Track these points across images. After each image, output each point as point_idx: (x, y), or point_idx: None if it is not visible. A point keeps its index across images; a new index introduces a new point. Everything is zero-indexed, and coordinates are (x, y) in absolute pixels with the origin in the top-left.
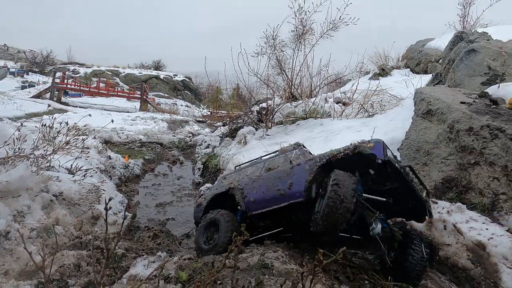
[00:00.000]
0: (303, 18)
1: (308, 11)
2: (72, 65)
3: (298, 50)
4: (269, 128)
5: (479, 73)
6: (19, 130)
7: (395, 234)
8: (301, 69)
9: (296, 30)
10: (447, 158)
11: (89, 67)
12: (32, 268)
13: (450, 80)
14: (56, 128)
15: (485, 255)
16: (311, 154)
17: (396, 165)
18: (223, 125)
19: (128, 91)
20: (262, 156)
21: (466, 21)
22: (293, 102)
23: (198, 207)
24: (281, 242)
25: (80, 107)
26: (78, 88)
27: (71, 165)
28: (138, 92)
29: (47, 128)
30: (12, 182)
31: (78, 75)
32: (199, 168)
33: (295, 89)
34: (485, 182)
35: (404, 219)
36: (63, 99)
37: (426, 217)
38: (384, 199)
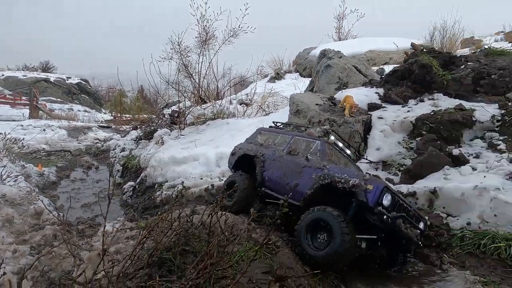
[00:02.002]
0: (205, 25)
1: (210, 19)
2: None
3: (203, 55)
4: (182, 129)
5: (333, 82)
6: None
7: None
8: (207, 73)
9: (200, 37)
10: None
11: None
12: (15, 241)
13: (317, 86)
14: None
15: None
16: (337, 144)
17: (384, 217)
18: (134, 129)
19: (13, 97)
20: (294, 125)
21: (341, 32)
22: (203, 104)
23: (232, 155)
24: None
25: None
26: None
27: (1, 173)
28: (25, 98)
29: None
30: None
31: None
32: (118, 170)
33: (202, 92)
34: None
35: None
36: None
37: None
38: (375, 236)
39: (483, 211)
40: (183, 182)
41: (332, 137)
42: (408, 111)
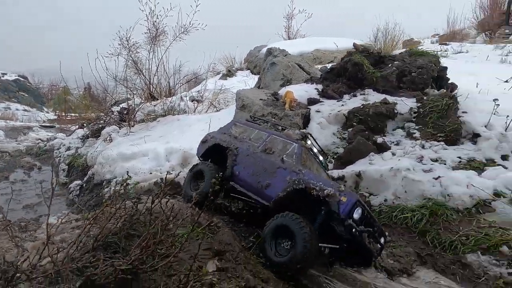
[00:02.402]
0: (155, 21)
1: (160, 15)
2: None
3: (153, 51)
4: (132, 126)
5: (278, 78)
6: None
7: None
8: (158, 70)
9: (150, 32)
10: None
11: None
12: None
13: (263, 83)
14: None
15: None
16: (313, 147)
17: (353, 230)
18: (80, 128)
19: None
20: (272, 122)
21: (290, 31)
22: (153, 101)
23: (203, 143)
24: None
25: None
26: None
27: None
28: None
29: None
30: None
31: None
32: (63, 169)
33: (153, 89)
34: None
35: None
36: None
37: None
38: (337, 246)
39: (396, 189)
40: (128, 171)
41: (309, 142)
42: (342, 105)
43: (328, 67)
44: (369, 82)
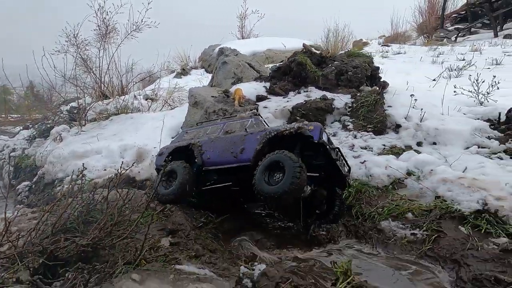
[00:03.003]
0: (105, 18)
1: (110, 11)
2: None
3: (104, 49)
4: (83, 125)
5: (229, 77)
6: None
7: (321, 193)
8: (109, 68)
9: (100, 29)
10: None
11: None
12: None
13: (215, 81)
14: None
15: None
16: (265, 123)
17: (327, 147)
18: (25, 129)
19: None
20: (223, 117)
21: (243, 31)
22: (105, 100)
23: (160, 156)
24: None
25: None
26: None
27: None
28: None
29: None
30: None
31: None
32: (9, 171)
33: (105, 88)
34: None
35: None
36: None
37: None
38: (317, 174)
39: None
40: (83, 164)
41: (260, 119)
42: (288, 101)
43: (276, 66)
44: (311, 80)
